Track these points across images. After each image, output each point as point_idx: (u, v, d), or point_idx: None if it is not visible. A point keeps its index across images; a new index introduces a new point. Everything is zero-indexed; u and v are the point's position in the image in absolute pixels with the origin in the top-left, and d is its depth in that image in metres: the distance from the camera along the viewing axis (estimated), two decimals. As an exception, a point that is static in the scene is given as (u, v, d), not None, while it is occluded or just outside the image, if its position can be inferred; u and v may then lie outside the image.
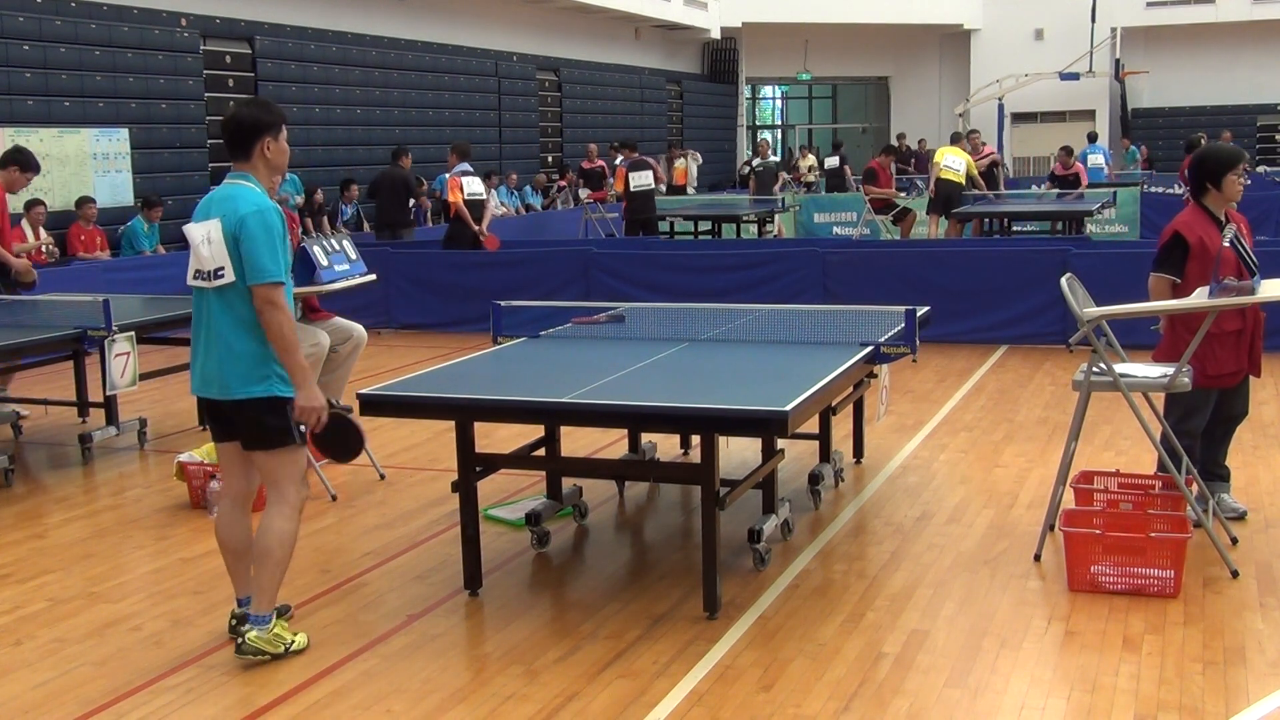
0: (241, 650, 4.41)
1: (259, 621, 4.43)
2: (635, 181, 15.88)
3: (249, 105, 4.61)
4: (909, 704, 4.01)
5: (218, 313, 4.37)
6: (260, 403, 4.37)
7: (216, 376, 4.39)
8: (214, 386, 4.41)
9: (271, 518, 4.44)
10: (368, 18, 19.58)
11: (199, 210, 4.48)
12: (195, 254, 4.40)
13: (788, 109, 40.07)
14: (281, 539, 4.42)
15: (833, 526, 5.89)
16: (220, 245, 4.32)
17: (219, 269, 4.33)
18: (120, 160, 14.67)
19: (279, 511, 4.45)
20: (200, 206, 4.49)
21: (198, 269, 4.41)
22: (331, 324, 6.96)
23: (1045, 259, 10.58)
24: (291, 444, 4.44)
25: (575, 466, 6.17)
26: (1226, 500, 5.72)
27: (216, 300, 4.37)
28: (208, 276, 4.36)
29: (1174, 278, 5.44)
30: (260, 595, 4.44)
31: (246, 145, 4.46)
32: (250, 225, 4.30)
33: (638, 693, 4.13)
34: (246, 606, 4.53)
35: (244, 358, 4.35)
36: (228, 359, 4.36)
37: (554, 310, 7.21)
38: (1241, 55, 31.02)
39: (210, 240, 4.34)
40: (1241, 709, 3.93)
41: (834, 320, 6.24)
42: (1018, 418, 8.03)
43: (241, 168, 4.48)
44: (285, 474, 4.46)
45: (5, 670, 4.48)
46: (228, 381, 4.37)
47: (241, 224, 4.30)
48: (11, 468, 7.12)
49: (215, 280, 4.34)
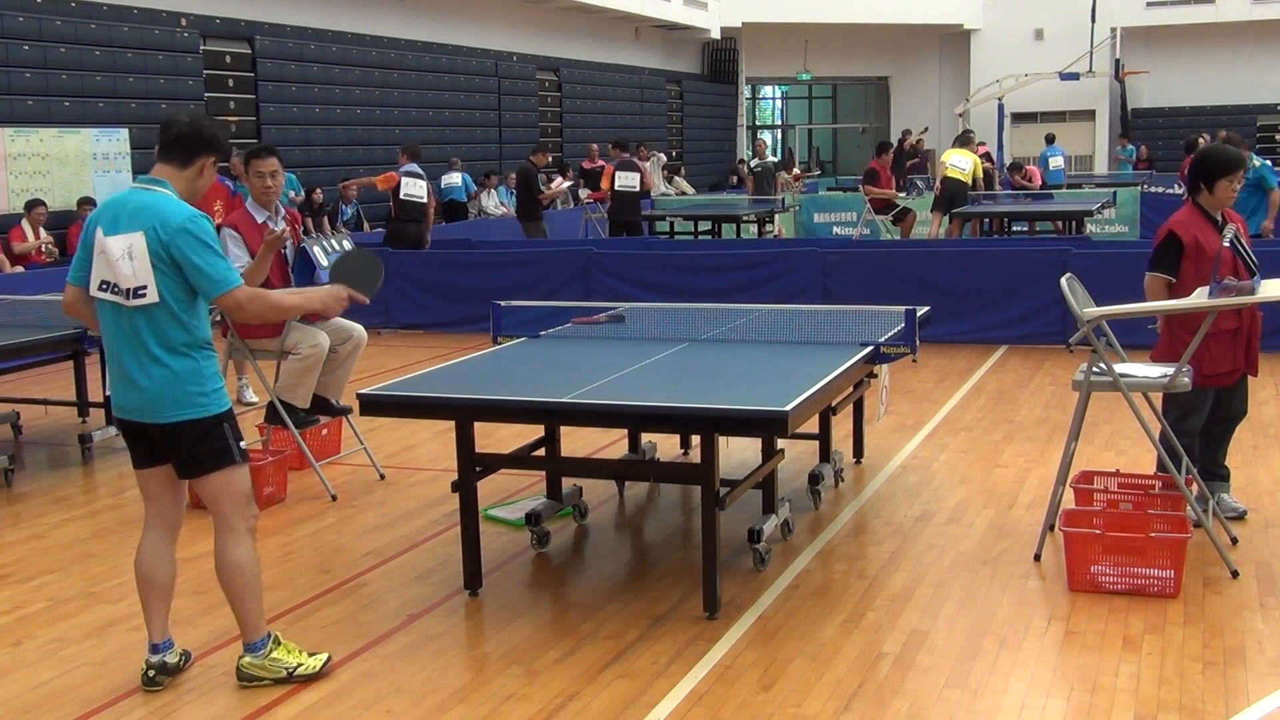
0: (239, 677, 4.26)
1: (254, 649, 4.23)
2: (620, 182, 15.82)
3: (210, 121, 4.28)
4: (909, 704, 4.01)
5: (140, 331, 4.01)
6: (194, 425, 4.04)
7: (143, 399, 4.03)
8: (141, 410, 4.05)
9: (224, 550, 4.15)
10: (368, 18, 19.58)
11: (106, 217, 4.06)
12: (110, 268, 4.00)
13: (788, 109, 40.07)
14: (242, 567, 4.15)
15: (833, 526, 5.89)
16: (144, 261, 3.95)
17: (140, 288, 3.96)
18: (120, 160, 14.67)
19: (230, 540, 4.15)
20: (106, 212, 4.08)
21: (109, 282, 4.02)
22: (331, 324, 6.95)
23: (1045, 259, 10.57)
24: (232, 464, 4.12)
25: (575, 466, 6.17)
26: (1226, 500, 5.72)
27: (140, 318, 4.00)
28: (125, 294, 3.98)
29: (1169, 277, 5.45)
30: (246, 627, 4.23)
31: (190, 155, 4.12)
32: (185, 241, 3.96)
33: (638, 693, 4.13)
34: (165, 653, 4.26)
35: (173, 379, 4.01)
36: (155, 381, 4.01)
37: (554, 310, 7.21)
38: (1241, 55, 31.02)
39: (132, 255, 3.95)
40: (1241, 709, 3.93)
41: (834, 320, 6.24)
42: (1018, 418, 8.03)
43: (164, 173, 4.10)
44: (228, 497, 4.14)
45: (5, 670, 4.48)
46: (157, 405, 4.02)
47: (173, 240, 3.95)
48: (11, 468, 7.12)
49: (135, 299, 3.97)
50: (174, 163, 4.12)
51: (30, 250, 13.07)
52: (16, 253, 12.96)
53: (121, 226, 4.00)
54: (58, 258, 13.17)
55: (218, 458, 4.10)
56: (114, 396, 4.16)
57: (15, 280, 11.38)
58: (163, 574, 4.24)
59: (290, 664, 4.25)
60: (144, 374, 4.01)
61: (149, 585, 4.24)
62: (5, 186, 13.38)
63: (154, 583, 4.24)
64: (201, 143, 4.14)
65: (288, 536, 5.96)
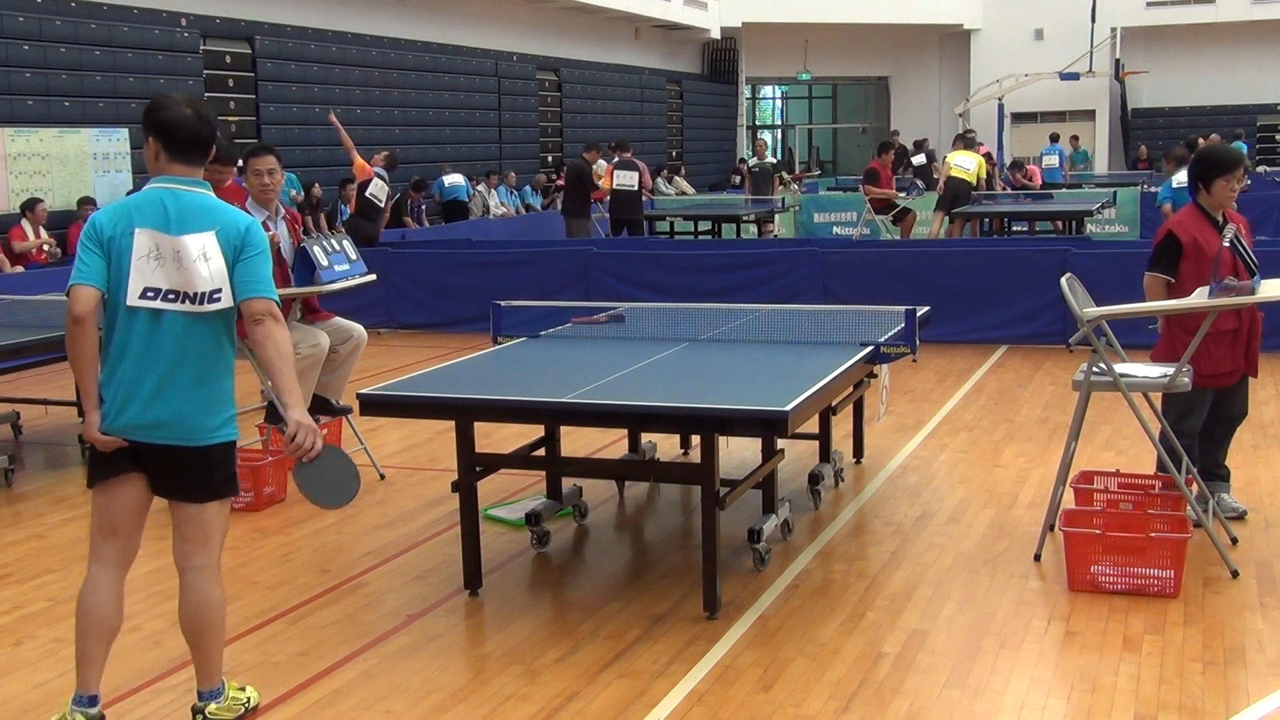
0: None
1: (214, 695, 3.92)
2: (618, 180, 16.09)
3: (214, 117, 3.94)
4: (909, 704, 4.01)
5: (196, 342, 3.72)
6: (222, 449, 3.81)
7: (178, 419, 3.70)
8: (169, 430, 3.71)
9: (209, 586, 3.83)
10: (368, 18, 19.59)
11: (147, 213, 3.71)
12: (174, 270, 3.68)
13: (788, 109, 40.07)
14: (222, 609, 3.89)
15: (833, 526, 5.89)
16: (220, 263, 3.72)
17: (215, 291, 3.71)
18: (120, 160, 14.67)
19: (213, 577, 3.85)
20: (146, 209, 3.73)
21: (161, 288, 3.69)
22: (331, 324, 6.95)
23: (1045, 259, 10.57)
24: (235, 493, 3.94)
25: (575, 466, 6.17)
26: (1226, 500, 5.72)
27: (197, 327, 3.72)
28: (196, 299, 3.69)
29: (1168, 277, 5.46)
30: (211, 671, 3.91)
31: (205, 154, 3.86)
32: (257, 238, 3.80)
33: (638, 693, 4.13)
34: (95, 708, 3.80)
35: (219, 397, 3.79)
36: (197, 399, 3.73)
37: (554, 310, 7.21)
38: (1241, 55, 31.03)
39: (208, 256, 3.71)
40: (1241, 709, 3.93)
41: (834, 320, 6.24)
42: (1018, 418, 8.03)
43: (194, 174, 3.83)
44: (221, 528, 3.88)
45: (5, 670, 4.48)
46: (194, 425, 3.73)
47: (247, 237, 3.77)
48: (11, 468, 7.12)
49: (209, 304, 3.71)
50: (196, 161, 3.83)
51: (31, 249, 13.07)
52: (17, 251, 12.96)
53: (188, 226, 3.71)
54: (60, 258, 13.18)
55: (232, 483, 3.89)
56: (126, 415, 3.70)
57: (15, 280, 11.38)
58: (111, 616, 3.80)
59: (243, 698, 4.02)
60: (187, 391, 3.71)
61: (102, 629, 3.78)
62: (5, 186, 13.38)
63: (102, 626, 3.78)
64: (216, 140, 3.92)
65: (288, 536, 5.96)
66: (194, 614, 3.83)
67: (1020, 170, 21.08)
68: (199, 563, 3.83)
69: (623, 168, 16.13)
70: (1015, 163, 21.80)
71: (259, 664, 4.45)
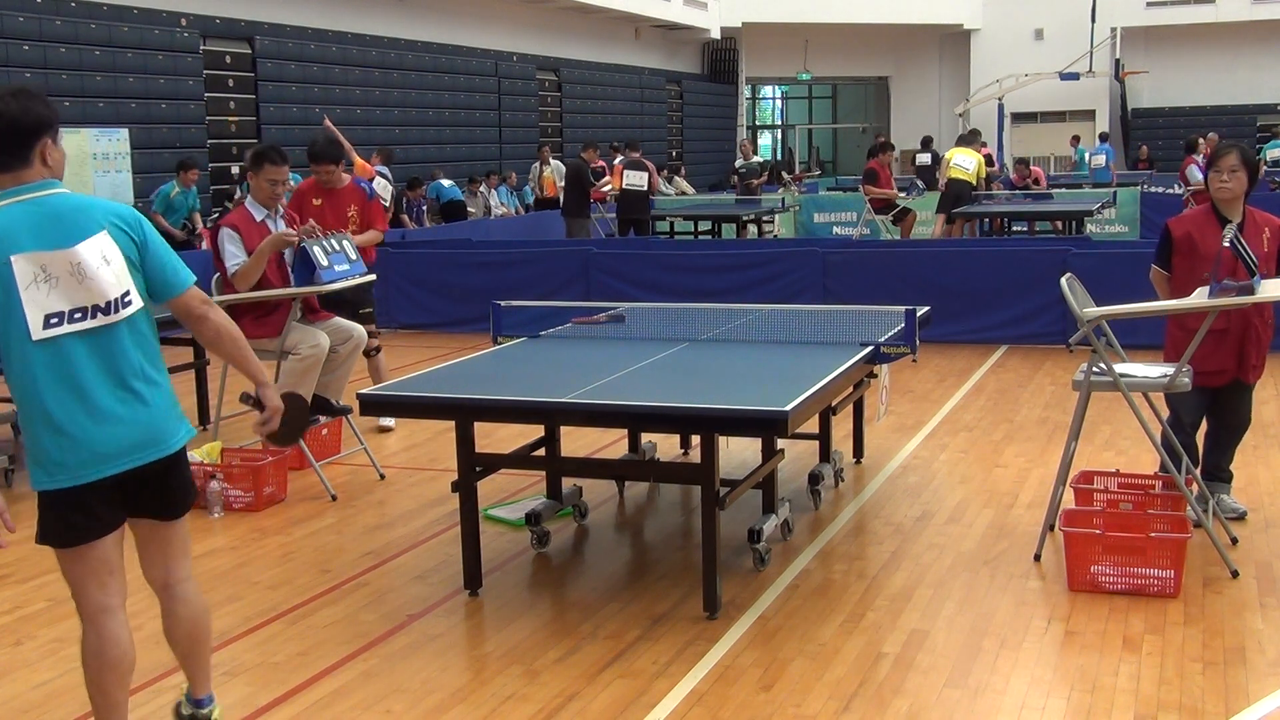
0: None
1: (211, 701, 3.81)
2: (628, 180, 16.20)
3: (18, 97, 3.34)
4: (909, 704, 4.01)
5: (127, 349, 3.37)
6: (183, 451, 3.52)
7: (148, 432, 3.38)
8: (145, 447, 3.38)
9: (197, 595, 3.65)
10: (368, 18, 19.59)
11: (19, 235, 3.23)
12: (76, 284, 3.26)
13: (788, 109, 40.09)
14: (209, 612, 3.76)
15: (833, 526, 5.89)
16: (121, 263, 3.33)
17: (125, 294, 3.35)
18: (120, 160, 14.68)
19: (197, 584, 3.68)
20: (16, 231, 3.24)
21: (65, 310, 3.26)
22: (331, 324, 6.96)
23: (1045, 259, 10.57)
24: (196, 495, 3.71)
25: (575, 466, 6.17)
26: (1226, 500, 5.72)
27: (124, 333, 3.36)
28: (109, 308, 3.31)
29: (1162, 270, 5.57)
30: (206, 677, 3.79)
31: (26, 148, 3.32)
32: (149, 229, 3.45)
33: (638, 693, 4.13)
34: None
35: (168, 395, 3.47)
36: (155, 403, 3.40)
37: (554, 310, 7.20)
38: (1241, 55, 31.04)
39: (108, 259, 3.30)
40: (1241, 709, 3.93)
41: (834, 320, 6.24)
42: (1018, 418, 8.03)
43: (28, 178, 3.32)
44: (187, 536, 3.63)
45: (5, 670, 4.48)
46: (162, 432, 3.41)
47: (142, 228, 3.41)
48: (11, 468, 7.11)
49: (123, 309, 3.34)
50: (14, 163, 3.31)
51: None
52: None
53: (75, 233, 3.29)
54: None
55: (194, 487, 3.65)
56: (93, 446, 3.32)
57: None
58: (129, 660, 3.51)
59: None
60: (140, 401, 3.38)
61: (115, 674, 3.47)
62: (5, 186, 13.38)
63: (122, 670, 3.48)
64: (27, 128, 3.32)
65: (288, 536, 5.96)
66: (191, 626, 3.65)
67: (1024, 169, 20.90)
68: (183, 574, 3.60)
69: (632, 168, 16.23)
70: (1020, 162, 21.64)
71: (259, 664, 4.45)
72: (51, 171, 3.37)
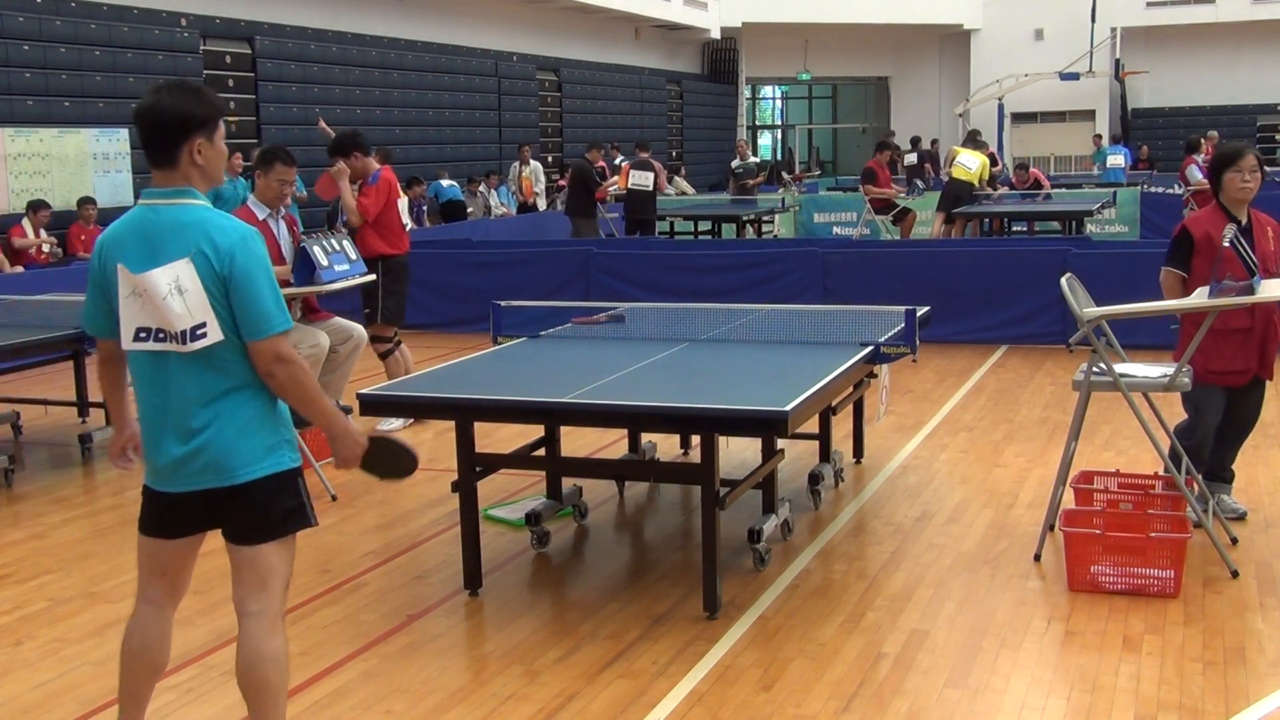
0: None
1: None
2: (634, 180, 16.19)
3: (170, 92, 3.26)
4: (909, 704, 4.01)
5: (197, 379, 3.25)
6: (271, 481, 3.32)
7: (210, 460, 3.26)
8: (205, 474, 3.28)
9: (266, 637, 3.34)
10: (368, 18, 19.58)
11: (126, 244, 3.24)
12: (153, 308, 3.20)
13: (788, 109, 40.08)
14: (280, 663, 3.37)
15: (833, 526, 5.89)
16: (199, 295, 3.17)
17: (199, 327, 3.19)
18: (120, 160, 14.67)
19: (272, 627, 3.36)
20: (127, 238, 3.25)
21: (151, 328, 3.23)
22: (331, 324, 6.97)
23: (1045, 259, 10.57)
24: (305, 525, 3.43)
25: (575, 466, 6.17)
26: (1226, 500, 5.72)
27: (195, 364, 3.24)
28: (179, 338, 3.20)
29: (1180, 272, 5.48)
30: None
31: (171, 149, 3.24)
32: (243, 262, 3.19)
33: (638, 693, 4.13)
34: None
35: (246, 429, 3.28)
36: (225, 434, 3.26)
37: (554, 310, 7.21)
38: (1241, 55, 31.03)
39: (183, 289, 3.17)
40: (1241, 709, 3.93)
41: (834, 320, 6.24)
42: (1018, 418, 8.03)
43: (171, 180, 3.26)
44: (282, 570, 3.39)
45: (5, 670, 4.48)
46: (228, 463, 3.27)
47: (231, 262, 3.18)
48: (11, 468, 7.12)
49: (193, 342, 3.20)
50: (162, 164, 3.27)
51: (30, 247, 13.07)
52: (16, 248, 12.96)
53: (156, 257, 3.20)
54: (61, 257, 13.18)
55: (294, 518, 3.39)
56: (157, 464, 3.34)
57: (15, 280, 11.37)
58: (158, 652, 3.50)
59: None
60: (209, 428, 3.26)
61: (136, 663, 3.48)
62: (5, 186, 13.38)
63: (144, 661, 3.48)
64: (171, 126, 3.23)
65: (288, 536, 5.96)
66: (247, 668, 3.35)
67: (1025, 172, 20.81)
68: (255, 608, 3.35)
69: (639, 168, 16.26)
70: (1021, 164, 21.54)
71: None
72: (203, 172, 3.28)
